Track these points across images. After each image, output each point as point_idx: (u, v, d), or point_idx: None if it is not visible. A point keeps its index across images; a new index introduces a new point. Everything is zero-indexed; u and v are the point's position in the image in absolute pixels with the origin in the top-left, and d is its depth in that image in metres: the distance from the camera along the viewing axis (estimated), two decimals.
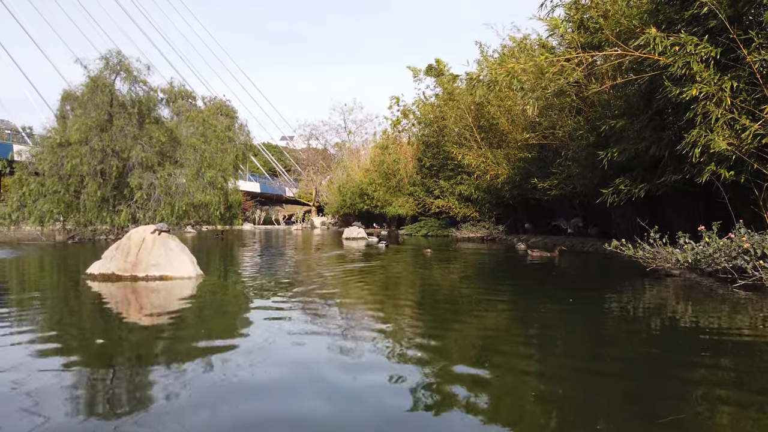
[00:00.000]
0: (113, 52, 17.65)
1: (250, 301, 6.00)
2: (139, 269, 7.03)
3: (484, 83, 10.96)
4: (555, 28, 11.05)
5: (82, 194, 16.23)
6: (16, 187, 16.66)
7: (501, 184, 18.12)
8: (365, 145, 51.24)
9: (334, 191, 46.13)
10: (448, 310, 5.44)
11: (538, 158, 15.98)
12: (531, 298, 6.24)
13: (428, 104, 26.78)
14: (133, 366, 3.36)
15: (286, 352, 3.64)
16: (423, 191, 26.73)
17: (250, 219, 50.76)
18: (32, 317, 5.02)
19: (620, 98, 10.42)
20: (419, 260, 11.50)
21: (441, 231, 24.91)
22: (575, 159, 13.01)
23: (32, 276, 8.81)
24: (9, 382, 2.94)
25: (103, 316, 5.04)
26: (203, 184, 18.04)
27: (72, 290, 6.61)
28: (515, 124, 17.29)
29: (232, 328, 4.65)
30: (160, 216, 16.17)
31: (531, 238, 18.42)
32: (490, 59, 18.92)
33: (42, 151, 16.77)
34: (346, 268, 10.25)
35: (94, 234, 17.30)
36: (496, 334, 4.36)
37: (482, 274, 9.60)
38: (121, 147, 16.91)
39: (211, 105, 27.63)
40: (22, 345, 3.83)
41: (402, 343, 3.87)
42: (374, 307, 5.63)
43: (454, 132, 21.59)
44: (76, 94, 18.44)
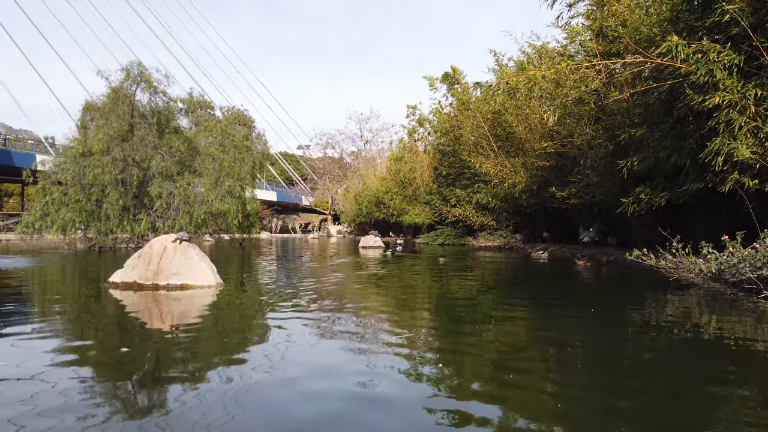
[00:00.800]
0: (134, 64, 17.98)
1: (268, 309, 6.02)
2: (160, 278, 7.10)
3: (504, 91, 10.96)
4: (575, 36, 11.01)
5: (104, 203, 16.47)
6: (40, 197, 16.96)
7: (518, 193, 18.03)
8: (381, 154, 51.42)
9: (350, 200, 46.27)
10: (465, 321, 5.40)
11: (556, 167, 15.88)
12: (550, 308, 6.18)
13: (444, 113, 26.79)
14: (155, 374, 3.39)
15: (301, 363, 3.65)
16: (439, 200, 26.69)
17: (267, 227, 51.07)
18: (57, 325, 5.10)
19: (640, 106, 10.33)
20: (435, 269, 11.46)
21: (457, 240, 24.82)
22: (594, 167, 12.91)
23: (56, 284, 8.95)
24: (32, 389, 2.98)
25: (126, 324, 5.10)
26: (221, 193, 18.21)
27: (95, 298, 6.70)
28: (533, 133, 17.22)
29: (251, 336, 4.67)
30: (179, 225, 16.35)
31: (549, 247, 18.27)
32: (507, 68, 18.92)
33: (65, 160, 17.08)
34: (362, 277, 10.26)
35: (114, 242, 17.54)
36: (513, 346, 4.32)
37: (499, 283, 9.53)
38: (142, 156, 17.16)
39: (229, 115, 27.92)
40: (47, 352, 3.89)
41: (417, 356, 3.85)
42: (390, 317, 5.62)
43: (471, 140, 21.56)
44: (97, 105, 18.76)
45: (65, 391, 2.94)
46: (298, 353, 3.90)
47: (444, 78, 26.21)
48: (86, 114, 19.25)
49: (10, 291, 7.74)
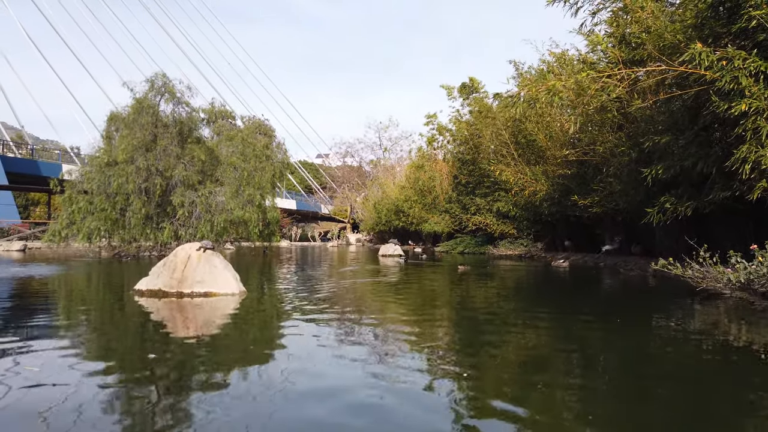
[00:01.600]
0: (158, 75, 18.31)
1: (289, 317, 6.05)
2: (184, 286, 7.19)
3: (523, 101, 10.92)
4: (597, 45, 10.93)
5: (128, 212, 16.75)
6: (66, 205, 17.30)
7: (539, 201, 17.88)
8: (400, 162, 51.45)
9: (370, 208, 46.35)
10: (486, 332, 5.36)
11: (578, 174, 15.72)
12: (574, 319, 6.11)
13: (463, 121, 26.74)
14: (180, 381, 3.43)
15: (321, 371, 3.67)
16: (459, 208, 26.59)
17: (286, 236, 51.38)
18: (86, 332, 5.20)
19: (664, 113, 10.19)
20: (455, 277, 11.41)
21: (478, 248, 24.67)
22: (617, 175, 12.76)
23: (84, 292, 9.11)
24: (64, 393, 3.04)
25: (153, 331, 5.17)
26: (242, 201, 18.37)
27: (122, 306, 6.81)
28: (554, 140, 17.10)
29: (273, 345, 4.70)
30: (201, 233, 16.54)
31: (570, 255, 18.07)
32: (526, 77, 18.83)
33: (90, 170, 17.42)
34: (381, 285, 10.26)
35: (138, 250, 17.80)
36: (536, 357, 4.27)
37: (521, 292, 9.46)
38: (165, 166, 17.42)
39: (249, 124, 28.19)
40: (77, 358, 3.97)
41: (437, 366, 3.83)
42: (410, 325, 5.61)
43: (491, 149, 21.48)
44: (122, 116, 19.10)
45: (95, 396, 3.00)
46: (319, 362, 3.92)
47: (462, 89, 26.18)
48: (111, 124, 19.61)
49: (39, 299, 7.90)
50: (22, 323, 5.49)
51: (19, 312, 6.40)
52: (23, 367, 3.64)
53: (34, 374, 3.45)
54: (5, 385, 3.21)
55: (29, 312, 6.37)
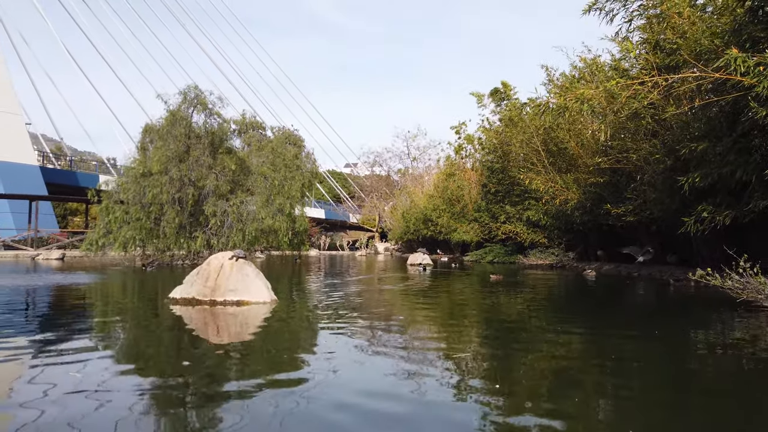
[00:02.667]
0: (191, 87, 18.73)
1: (319, 326, 6.09)
2: (217, 294, 7.30)
3: (553, 110, 10.80)
4: (629, 51, 10.76)
5: (162, 221, 17.12)
6: (103, 215, 17.77)
7: (571, 210, 17.61)
8: (428, 171, 51.39)
9: (398, 217, 46.36)
10: (516, 341, 5.30)
11: (611, 183, 15.44)
12: (608, 329, 5.98)
13: (492, 129, 26.58)
14: (214, 388, 3.47)
15: (349, 380, 3.68)
16: (488, 217, 26.38)
17: (315, 245, 51.71)
18: (123, 339, 5.32)
19: (700, 120, 9.96)
20: (485, 286, 11.30)
21: (507, 257, 24.42)
22: (651, 184, 12.49)
23: (120, 300, 9.33)
24: (104, 399, 3.11)
25: (187, 339, 5.25)
26: (272, 211, 18.60)
27: (157, 314, 6.94)
28: (585, 148, 16.85)
29: (303, 353, 4.72)
30: (233, 242, 16.79)
31: (603, 265, 17.74)
32: (558, 83, 18.64)
33: (126, 180, 17.88)
34: (410, 294, 10.23)
35: (171, 259, 18.16)
36: (570, 369, 4.20)
37: (553, 302, 9.31)
38: (197, 176, 17.77)
39: (279, 135, 28.55)
40: (116, 365, 4.07)
41: (468, 376, 3.80)
42: (439, 334, 5.58)
43: (520, 157, 21.28)
44: (156, 127, 19.56)
45: (133, 402, 3.07)
46: (348, 371, 3.93)
47: (493, 94, 26.01)
48: (146, 136, 20.09)
49: (79, 307, 8.13)
50: (64, 331, 5.65)
51: (60, 320, 6.59)
52: (68, 374, 3.75)
53: (78, 380, 3.56)
54: (52, 390, 3.32)
55: (70, 320, 6.55)
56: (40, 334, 5.42)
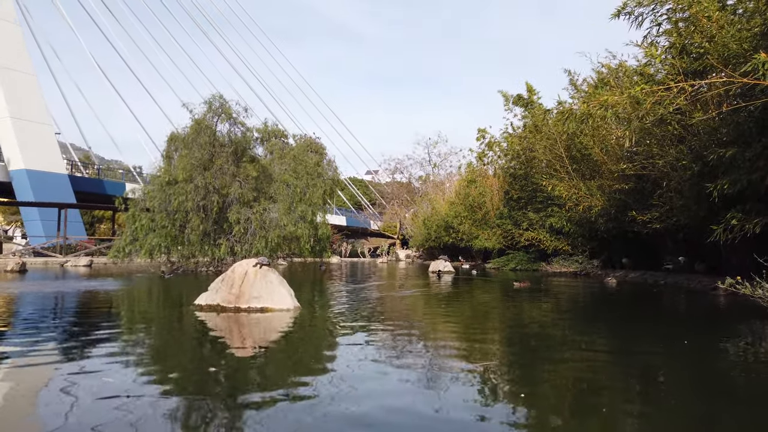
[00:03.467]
0: (216, 97, 18.99)
1: (342, 334, 6.10)
2: (242, 301, 7.38)
3: (575, 117, 10.72)
4: (652, 58, 10.64)
5: (187, 228, 17.34)
6: (130, 222, 18.08)
7: (595, 217, 17.39)
8: (449, 178, 51.26)
9: (419, 224, 46.29)
10: (540, 351, 5.23)
11: (636, 189, 15.21)
12: (635, 339, 5.88)
13: (515, 135, 26.41)
14: (236, 394, 3.51)
15: (370, 390, 3.68)
16: (510, 224, 26.16)
17: (337, 252, 51.92)
18: (151, 345, 5.41)
19: (729, 125, 9.77)
20: (508, 294, 11.21)
21: (530, 265, 24.17)
22: (678, 190, 12.28)
23: (146, 307, 9.48)
24: (136, 404, 3.16)
25: (213, 346, 5.32)
26: (295, 218, 18.70)
27: (184, 320, 7.03)
28: (610, 154, 16.64)
29: (325, 362, 4.73)
30: (256, 249, 16.92)
31: (629, 273, 17.46)
32: (582, 89, 18.49)
33: (152, 188, 18.18)
34: (432, 301, 10.20)
35: (196, 266, 18.38)
36: (595, 379, 4.14)
37: (577, 311, 9.18)
38: (221, 184, 17.99)
39: (301, 142, 28.74)
40: (145, 370, 4.13)
41: (491, 388, 3.77)
42: (461, 342, 5.55)
43: (543, 163, 21.10)
44: (180, 136, 19.86)
45: (163, 407, 3.13)
46: (368, 380, 3.93)
47: (517, 99, 25.87)
48: (171, 144, 20.40)
49: (107, 313, 8.28)
50: (93, 336, 5.76)
51: (89, 326, 6.71)
52: (101, 378, 3.83)
53: (110, 385, 3.63)
54: (88, 394, 3.40)
55: (98, 326, 6.68)
56: (70, 339, 5.54)
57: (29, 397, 3.49)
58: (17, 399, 3.45)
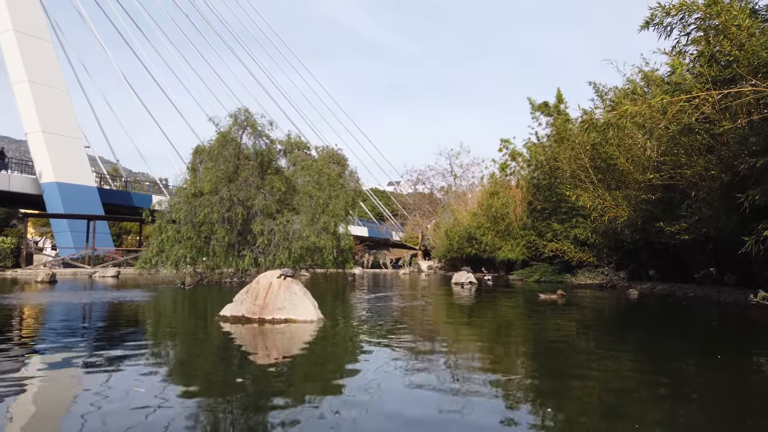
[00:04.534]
0: (241, 110, 19.31)
1: (365, 345, 6.10)
2: (266, 312, 7.43)
3: (597, 126, 10.62)
4: (675, 68, 10.52)
5: (212, 240, 17.59)
6: (156, 234, 18.40)
7: (620, 228, 17.10)
8: (472, 189, 51.01)
9: (441, 235, 46.08)
10: (565, 362, 5.15)
11: (663, 199, 14.93)
12: (664, 352, 5.75)
13: (539, 145, 26.20)
14: (261, 405, 3.53)
15: (395, 403, 3.67)
16: (534, 235, 25.90)
17: (359, 263, 51.97)
18: (181, 355, 5.49)
19: (759, 134, 9.56)
20: (532, 306, 11.07)
21: (554, 276, 23.85)
22: (707, 201, 12.02)
23: (173, 317, 9.61)
24: (166, 415, 3.20)
25: (240, 357, 5.36)
26: (318, 229, 18.82)
27: (211, 331, 7.10)
28: (636, 164, 16.39)
29: (349, 373, 4.74)
30: (279, 260, 17.06)
31: (656, 285, 17.11)
32: (608, 98, 18.33)
33: (178, 200, 18.49)
34: (455, 313, 10.14)
35: (220, 277, 18.59)
36: (626, 392, 4.05)
37: (603, 323, 9.03)
38: (246, 196, 18.22)
39: (323, 154, 28.99)
40: (174, 380, 4.19)
41: (516, 399, 3.72)
42: (485, 356, 5.49)
43: (567, 173, 20.87)
44: (206, 149, 20.21)
45: (191, 418, 3.16)
46: (391, 392, 3.92)
47: (542, 106, 25.66)
48: (196, 157, 20.78)
49: (135, 323, 8.41)
50: (123, 346, 5.85)
51: (118, 336, 6.82)
52: (131, 387, 3.89)
53: (140, 395, 3.69)
54: (118, 403, 3.47)
55: (127, 336, 6.78)
56: (99, 349, 5.63)
57: (60, 407, 3.57)
58: (48, 408, 3.53)
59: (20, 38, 35.88)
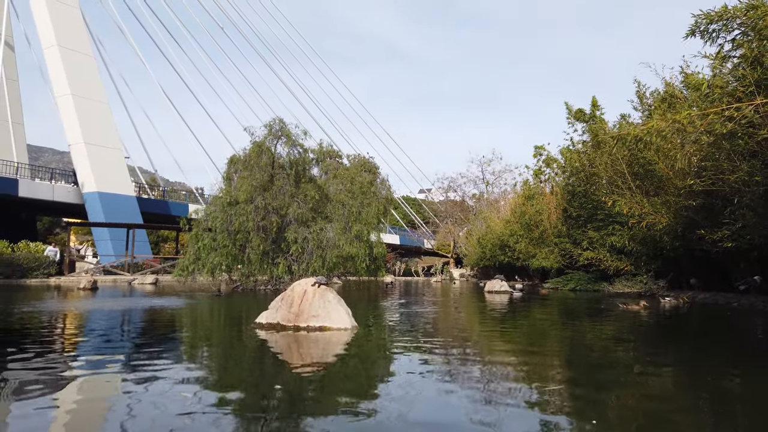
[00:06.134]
0: (276, 120, 19.61)
1: (399, 353, 6.09)
2: (301, 320, 7.49)
3: (627, 141, 10.44)
4: (698, 87, 10.33)
5: (247, 248, 17.86)
6: (193, 242, 18.79)
7: (659, 235, 16.65)
8: (504, 196, 50.53)
9: (473, 243, 45.74)
10: (604, 374, 5.02)
11: (705, 206, 14.48)
12: (708, 365, 5.56)
13: (575, 151, 25.75)
14: (296, 412, 3.55)
15: (428, 414, 3.64)
16: (569, 242, 25.43)
17: (390, 270, 51.94)
18: (221, 362, 5.57)
19: None
20: (568, 315, 10.87)
21: (591, 285, 23.37)
22: (751, 207, 11.62)
23: (210, 324, 9.78)
24: (210, 421, 3.26)
25: (278, 364, 5.42)
26: (350, 237, 18.92)
27: (245, 338, 7.19)
28: (675, 169, 15.97)
29: (382, 382, 4.72)
30: (313, 268, 17.20)
31: (698, 294, 16.59)
32: (647, 103, 17.96)
33: (214, 209, 18.86)
34: (489, 322, 10.02)
35: (255, 284, 18.84)
36: (665, 412, 3.93)
37: (642, 333, 8.78)
38: (280, 204, 18.46)
39: (355, 162, 29.15)
40: (212, 386, 4.25)
41: (554, 411, 3.65)
42: (519, 366, 5.39)
43: (604, 179, 20.46)
44: (240, 158, 20.57)
45: (227, 425, 3.22)
46: (425, 401, 3.90)
47: (578, 113, 25.24)
48: (231, 166, 21.16)
49: (174, 330, 8.59)
50: (164, 353, 5.98)
51: (159, 342, 6.98)
52: (179, 393, 3.98)
53: (181, 401, 3.77)
54: (157, 409, 3.55)
55: (167, 342, 6.93)
56: (138, 355, 5.77)
57: (101, 411, 3.66)
58: (89, 412, 3.63)
59: (64, 53, 37.34)
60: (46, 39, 37.63)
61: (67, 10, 38.54)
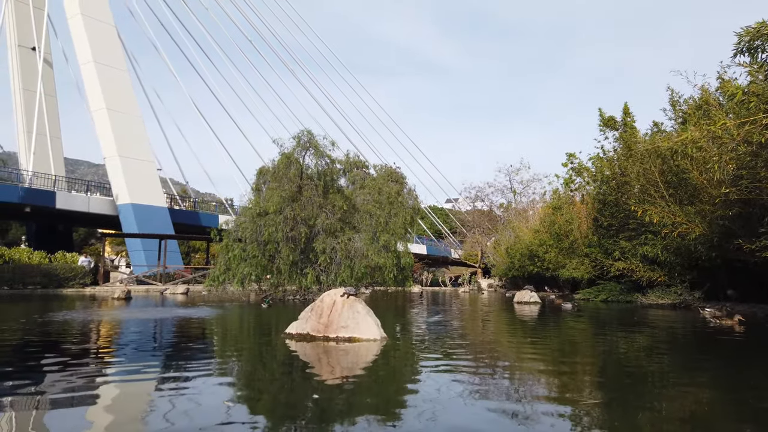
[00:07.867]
0: (304, 132, 19.83)
1: (428, 364, 6.09)
2: (330, 330, 7.53)
3: (660, 154, 10.24)
4: (732, 95, 10.06)
5: (276, 258, 18.03)
6: (223, 252, 19.08)
7: (694, 245, 16.22)
8: (532, 206, 49.94)
9: (501, 253, 45.24)
10: (635, 390, 4.91)
11: (741, 215, 14.07)
12: (746, 379, 5.39)
13: (606, 159, 25.35)
14: (333, 423, 3.57)
15: (459, 426, 3.61)
16: (600, 253, 24.95)
17: (418, 280, 51.74)
18: (255, 372, 5.65)
19: None
20: (604, 329, 10.65)
21: (623, 296, 22.87)
22: None
23: (240, 335, 9.90)
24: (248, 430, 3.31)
25: (309, 375, 5.46)
26: (378, 247, 18.95)
27: (278, 349, 7.25)
28: (710, 178, 15.57)
29: (411, 392, 4.73)
30: (341, 278, 17.26)
31: (736, 306, 16.08)
32: (681, 110, 17.63)
33: (244, 220, 19.11)
34: (519, 334, 9.90)
35: (284, 294, 19.00)
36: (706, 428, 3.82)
37: (677, 347, 8.55)
38: (308, 215, 18.61)
39: (382, 173, 29.16)
40: (245, 395, 4.31)
41: (585, 426, 3.58)
42: (550, 379, 5.32)
43: (636, 188, 20.07)
44: (269, 170, 20.82)
45: None
46: (455, 414, 3.89)
47: (609, 121, 24.85)
48: (260, 178, 21.44)
49: (206, 339, 8.72)
50: (194, 362, 6.09)
51: (189, 351, 7.10)
52: (212, 403, 4.05)
53: (221, 410, 3.86)
54: (194, 419, 3.62)
55: (198, 351, 7.05)
56: (170, 365, 5.88)
57: (136, 417, 3.74)
58: (125, 418, 3.72)
59: (100, 69, 38.52)
60: (83, 55, 38.91)
61: (103, 27, 39.83)
